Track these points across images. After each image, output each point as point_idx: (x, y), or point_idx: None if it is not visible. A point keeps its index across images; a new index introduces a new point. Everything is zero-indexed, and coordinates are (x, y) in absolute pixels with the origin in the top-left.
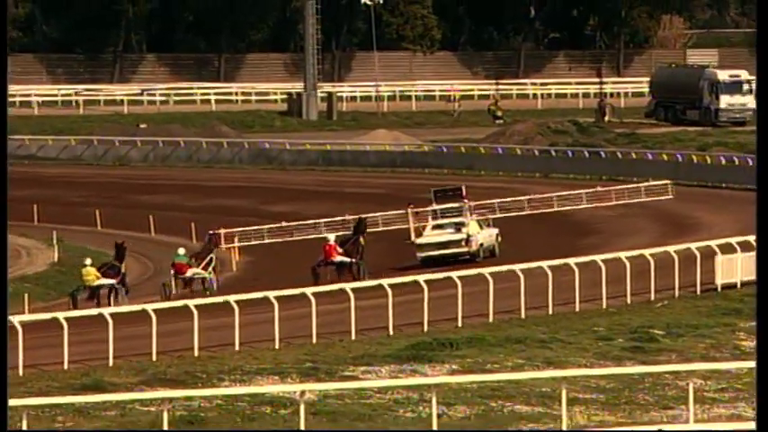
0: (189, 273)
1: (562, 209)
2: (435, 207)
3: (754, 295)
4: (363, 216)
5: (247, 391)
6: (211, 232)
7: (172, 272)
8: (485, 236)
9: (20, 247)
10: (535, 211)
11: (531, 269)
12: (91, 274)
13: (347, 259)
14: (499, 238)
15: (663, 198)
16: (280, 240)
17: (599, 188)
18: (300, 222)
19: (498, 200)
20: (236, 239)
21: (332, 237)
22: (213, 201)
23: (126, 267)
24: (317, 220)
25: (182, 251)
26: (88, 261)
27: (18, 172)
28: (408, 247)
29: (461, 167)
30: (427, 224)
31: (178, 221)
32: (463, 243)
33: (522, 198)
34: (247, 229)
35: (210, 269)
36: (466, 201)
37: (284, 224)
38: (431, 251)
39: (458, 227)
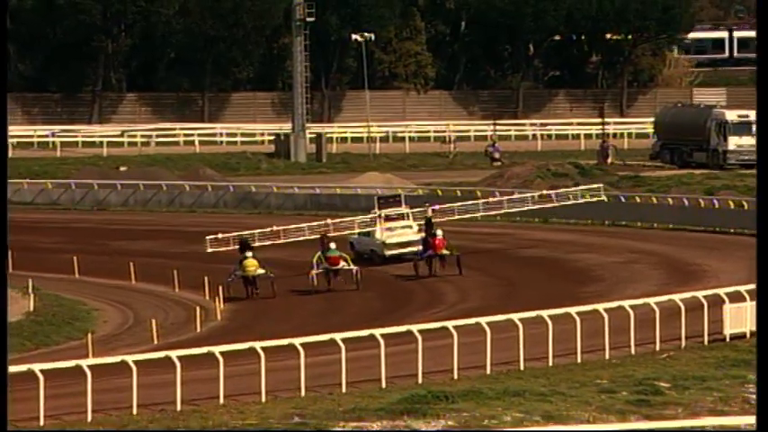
0: (341, 264)
1: (511, 210)
2: (401, 210)
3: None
4: (429, 215)
5: None
6: (322, 229)
7: (321, 265)
8: None
9: None
10: (489, 213)
11: (531, 318)
12: (252, 265)
13: (447, 252)
14: None
15: (595, 200)
16: (269, 243)
17: (544, 191)
18: (288, 227)
19: (458, 203)
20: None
21: (440, 232)
22: (196, 247)
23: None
24: (302, 225)
25: (333, 245)
26: (249, 254)
27: None
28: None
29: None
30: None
31: (160, 269)
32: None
33: (478, 201)
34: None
35: (350, 262)
36: (427, 204)
37: (275, 228)
38: (397, 249)
39: (417, 228)
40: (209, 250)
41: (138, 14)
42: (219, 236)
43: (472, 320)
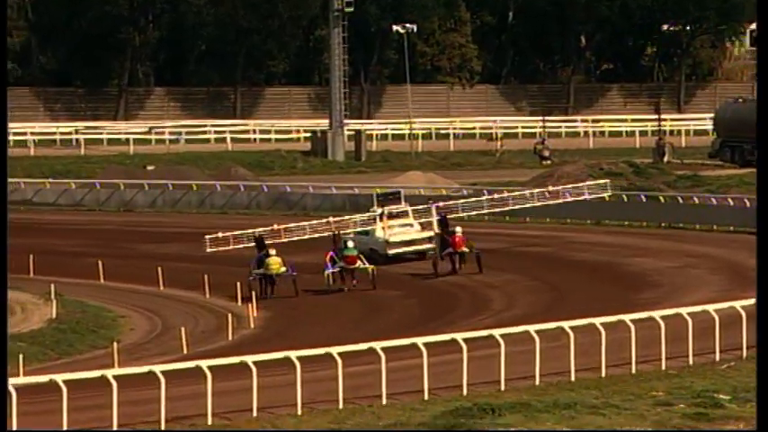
0: (357, 264)
1: (515, 207)
2: (399, 208)
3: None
4: (444, 213)
5: None
6: (333, 228)
7: (337, 264)
8: None
9: (14, 303)
10: (494, 210)
11: (582, 326)
12: (276, 263)
13: (466, 249)
14: None
15: (600, 195)
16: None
17: (550, 187)
18: (289, 225)
19: (462, 201)
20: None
21: (459, 229)
22: (228, 250)
23: None
24: (303, 223)
25: (351, 244)
26: (273, 251)
27: (12, 219)
28: None
29: (504, 213)
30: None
31: (189, 273)
32: (428, 241)
33: (482, 198)
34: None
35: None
36: (431, 201)
37: (275, 227)
38: (400, 248)
39: (422, 226)
40: (209, 250)
41: (166, 4)
42: (220, 235)
43: (520, 328)
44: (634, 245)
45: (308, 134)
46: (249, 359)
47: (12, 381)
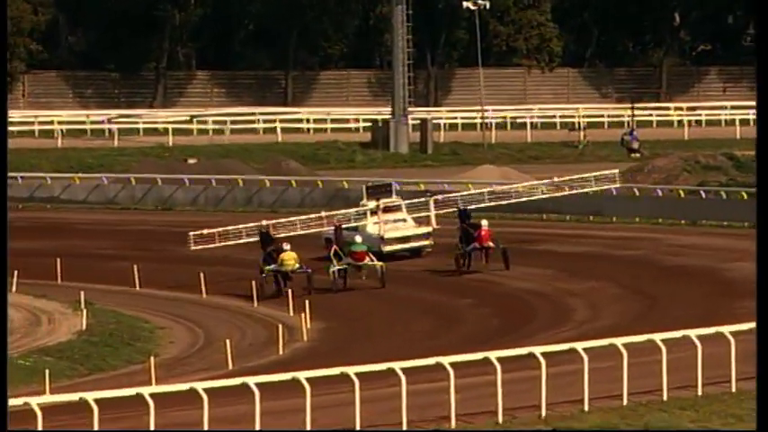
0: (366, 260)
1: (520, 200)
2: (399, 202)
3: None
4: (466, 206)
5: None
6: (335, 221)
7: (344, 261)
8: None
9: (40, 312)
10: (497, 203)
11: (675, 339)
12: (291, 259)
13: (491, 245)
14: None
15: (611, 186)
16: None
17: (555, 179)
18: (279, 221)
19: (461, 193)
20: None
21: (485, 222)
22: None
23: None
24: (293, 219)
25: (359, 239)
26: (287, 246)
27: (37, 218)
28: None
29: (587, 212)
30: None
31: (235, 279)
32: (425, 237)
33: (483, 190)
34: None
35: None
36: (429, 193)
37: (264, 222)
38: (397, 245)
39: (419, 221)
40: (194, 248)
41: None
42: (205, 231)
43: (606, 341)
44: (734, 247)
45: (368, 123)
46: (302, 375)
47: (37, 399)
